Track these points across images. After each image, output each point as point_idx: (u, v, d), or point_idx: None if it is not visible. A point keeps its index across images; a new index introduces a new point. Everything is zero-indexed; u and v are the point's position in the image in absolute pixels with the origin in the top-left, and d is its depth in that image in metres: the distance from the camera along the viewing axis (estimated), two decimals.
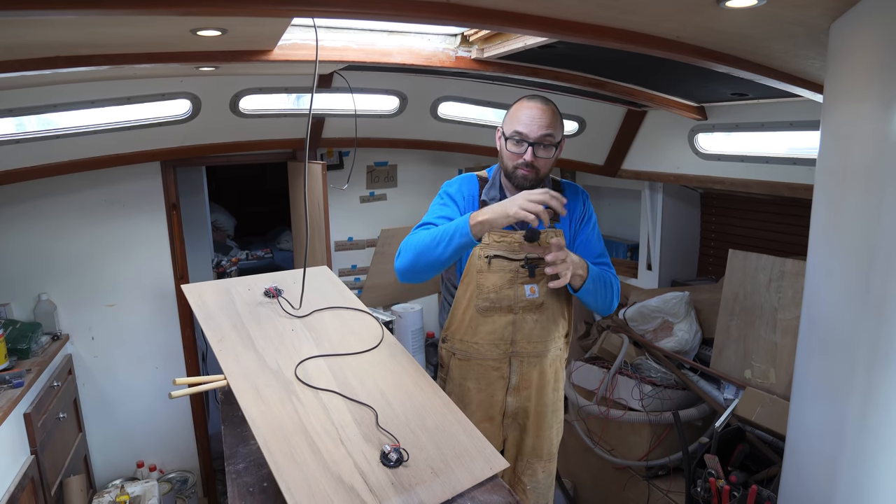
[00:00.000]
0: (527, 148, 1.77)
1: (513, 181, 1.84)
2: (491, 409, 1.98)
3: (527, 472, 2.04)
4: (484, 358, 1.93)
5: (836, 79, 1.27)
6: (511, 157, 1.81)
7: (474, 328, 1.91)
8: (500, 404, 1.98)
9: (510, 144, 1.81)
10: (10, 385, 2.42)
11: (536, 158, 1.78)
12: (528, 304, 1.89)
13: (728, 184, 2.75)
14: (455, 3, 1.26)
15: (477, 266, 1.87)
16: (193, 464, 3.64)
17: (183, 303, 3.32)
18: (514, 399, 1.98)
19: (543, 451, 2.04)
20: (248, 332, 1.82)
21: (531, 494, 2.06)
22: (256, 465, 1.56)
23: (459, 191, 1.93)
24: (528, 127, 1.76)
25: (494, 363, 1.94)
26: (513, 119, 1.81)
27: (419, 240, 1.76)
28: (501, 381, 1.96)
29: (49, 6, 1.06)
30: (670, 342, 2.94)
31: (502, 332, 1.90)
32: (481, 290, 1.88)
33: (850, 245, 1.21)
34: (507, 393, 1.97)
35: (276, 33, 1.81)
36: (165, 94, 2.72)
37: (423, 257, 1.74)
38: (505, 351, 1.92)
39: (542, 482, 2.07)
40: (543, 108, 1.78)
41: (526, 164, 1.78)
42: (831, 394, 1.26)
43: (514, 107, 1.84)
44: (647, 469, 2.83)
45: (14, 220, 2.99)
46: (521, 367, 1.95)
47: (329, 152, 3.73)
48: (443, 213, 1.88)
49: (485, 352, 1.93)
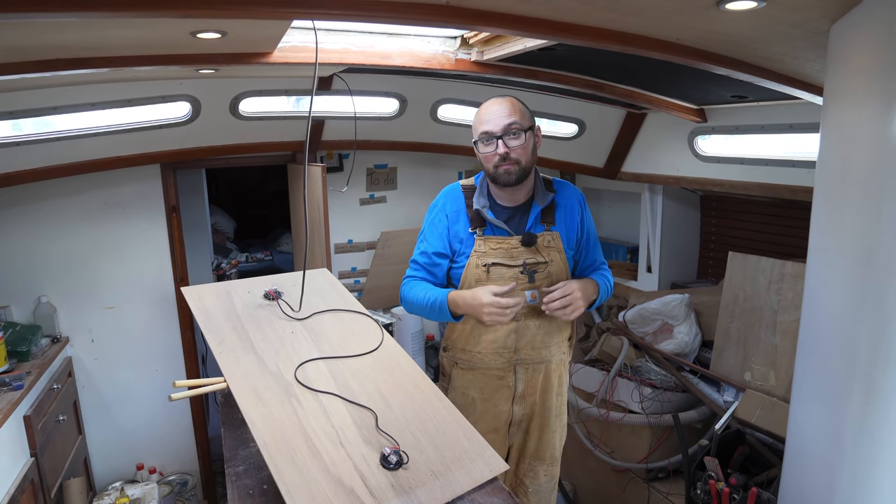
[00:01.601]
0: (496, 143, 1.78)
1: (499, 182, 1.83)
2: (496, 420, 1.96)
3: (529, 474, 2.04)
4: (488, 367, 1.92)
5: (835, 81, 1.27)
6: (488, 159, 1.81)
7: (476, 337, 1.90)
8: (505, 414, 1.97)
9: (481, 146, 1.82)
10: (9, 387, 2.42)
11: (510, 149, 1.77)
12: (529, 310, 1.88)
13: (728, 186, 2.75)
14: (454, 5, 1.26)
15: (475, 275, 1.86)
16: (193, 466, 3.64)
17: (183, 305, 3.32)
18: (519, 407, 1.97)
19: (546, 455, 2.04)
20: (247, 335, 1.82)
21: (532, 497, 2.05)
22: (256, 467, 1.56)
23: (443, 209, 1.93)
24: (490, 123, 1.78)
25: (499, 372, 1.93)
26: (477, 124, 1.83)
27: (415, 300, 1.92)
28: (507, 391, 1.94)
29: (49, 8, 1.06)
30: (670, 344, 2.94)
31: (505, 340, 1.89)
32: None
33: (850, 247, 1.21)
34: (512, 402, 1.96)
35: (275, 36, 1.82)
36: (165, 96, 2.72)
37: (419, 312, 1.93)
38: (509, 359, 1.91)
39: (543, 485, 2.06)
40: (501, 101, 1.81)
41: (502, 158, 1.78)
42: (831, 396, 1.26)
43: (476, 116, 1.85)
44: (647, 471, 2.82)
45: (14, 223, 2.99)
46: (527, 375, 1.94)
47: (329, 155, 3.73)
48: (434, 247, 1.92)
49: (488, 361, 1.92)
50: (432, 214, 1.96)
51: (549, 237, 1.89)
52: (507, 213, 1.91)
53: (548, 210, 1.91)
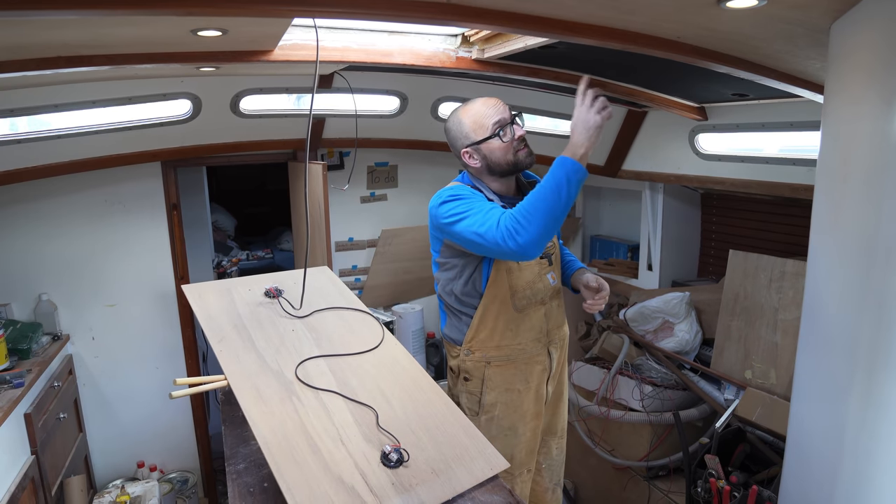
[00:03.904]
0: (512, 128, 1.78)
1: (521, 165, 1.82)
2: (538, 404, 1.98)
3: (542, 450, 2.07)
4: (529, 356, 1.93)
5: (836, 79, 1.27)
6: (506, 148, 1.78)
7: (514, 329, 1.89)
8: (545, 396, 2.01)
9: (498, 139, 1.77)
10: (10, 385, 2.42)
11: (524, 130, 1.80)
12: (553, 292, 1.96)
13: (728, 184, 2.75)
14: (456, 3, 1.26)
15: (507, 266, 1.84)
16: (194, 464, 3.65)
17: (183, 303, 3.33)
18: (551, 386, 2.02)
19: (558, 428, 2.09)
20: (248, 333, 1.82)
21: (546, 473, 2.09)
22: (257, 465, 1.56)
23: (463, 187, 1.84)
24: (499, 114, 1.79)
25: (538, 357, 1.95)
26: (483, 119, 1.79)
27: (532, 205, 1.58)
28: (544, 373, 1.98)
29: (50, 6, 1.06)
30: (671, 342, 2.94)
31: (540, 325, 1.93)
32: (515, 290, 1.86)
33: (851, 245, 1.21)
34: (547, 382, 2.00)
35: (276, 33, 1.82)
36: (166, 94, 2.72)
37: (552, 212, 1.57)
38: (544, 343, 1.95)
39: (556, 459, 2.11)
40: (488, 98, 1.83)
41: (521, 140, 1.79)
42: (831, 394, 1.26)
43: (469, 118, 1.81)
44: (648, 469, 2.83)
45: (14, 221, 2.99)
46: (557, 353, 1.99)
47: (330, 153, 3.73)
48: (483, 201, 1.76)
49: (529, 349, 1.92)
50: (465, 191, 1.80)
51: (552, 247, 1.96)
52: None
53: None
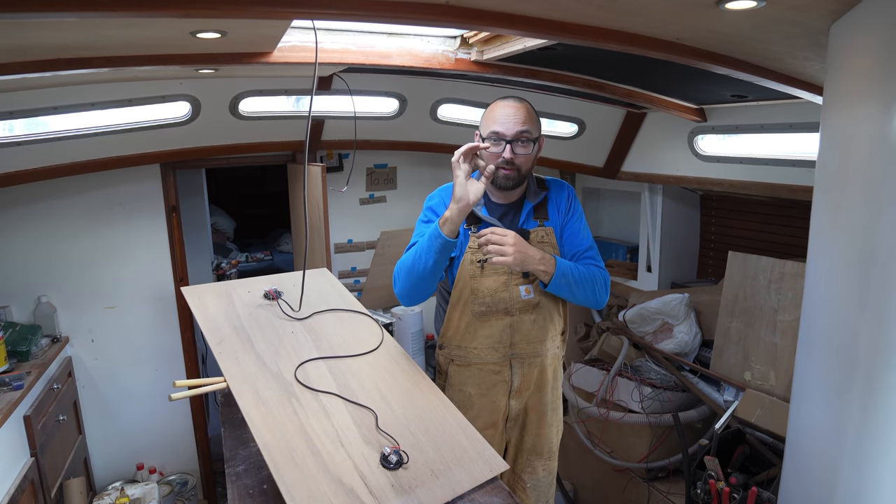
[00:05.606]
0: (505, 146, 1.77)
1: (495, 182, 1.83)
2: (494, 415, 1.97)
3: (527, 469, 2.04)
4: (484, 362, 1.92)
5: (835, 80, 1.27)
6: (491, 158, 1.80)
7: (472, 333, 1.91)
8: (503, 409, 1.97)
9: (489, 144, 1.80)
10: (9, 387, 2.42)
11: (516, 155, 1.78)
12: (524, 305, 1.89)
13: (728, 185, 2.75)
14: (454, 4, 1.26)
15: (469, 272, 1.87)
16: (193, 466, 3.64)
17: (183, 305, 3.32)
18: (516, 402, 1.98)
19: (544, 450, 2.04)
20: (247, 335, 1.82)
21: (531, 493, 2.06)
22: (256, 467, 1.56)
23: (442, 201, 1.93)
24: (503, 125, 1.77)
25: (495, 367, 1.93)
26: (489, 120, 1.82)
27: (405, 261, 1.83)
28: (503, 385, 1.95)
29: (49, 8, 1.06)
30: (670, 344, 2.94)
31: (500, 335, 1.90)
32: (476, 295, 1.87)
33: (850, 247, 1.21)
34: (509, 396, 1.97)
35: (275, 35, 1.82)
36: (165, 96, 2.72)
37: (413, 274, 1.79)
38: (505, 354, 1.92)
39: (542, 480, 2.07)
40: (517, 105, 1.80)
41: (506, 162, 1.78)
42: (831, 395, 1.26)
43: (488, 109, 1.84)
44: (647, 471, 2.82)
45: (14, 223, 2.99)
46: (522, 369, 1.94)
47: (329, 154, 3.73)
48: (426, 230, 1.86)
49: (484, 356, 1.92)
50: (430, 203, 1.96)
51: (543, 232, 1.90)
52: (501, 210, 1.92)
53: (541, 206, 1.93)
